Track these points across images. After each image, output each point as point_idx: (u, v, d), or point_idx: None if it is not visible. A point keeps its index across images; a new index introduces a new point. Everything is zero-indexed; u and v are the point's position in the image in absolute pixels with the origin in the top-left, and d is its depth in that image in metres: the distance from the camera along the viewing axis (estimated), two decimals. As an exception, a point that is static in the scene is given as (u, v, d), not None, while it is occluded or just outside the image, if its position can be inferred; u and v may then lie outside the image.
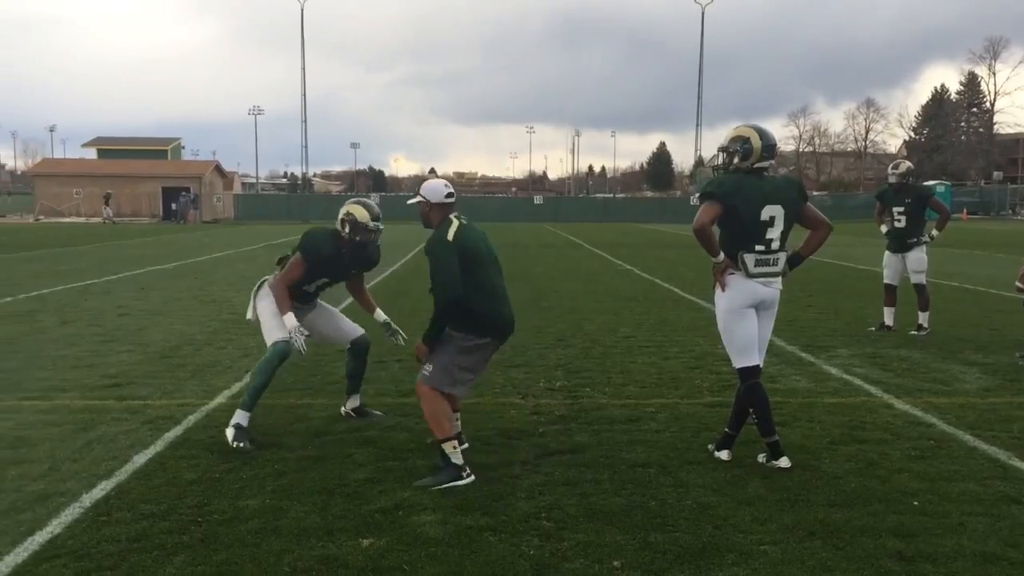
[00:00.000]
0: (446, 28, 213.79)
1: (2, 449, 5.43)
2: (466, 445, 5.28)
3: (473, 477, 4.85)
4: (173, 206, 56.11)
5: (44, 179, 64.22)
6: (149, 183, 61.46)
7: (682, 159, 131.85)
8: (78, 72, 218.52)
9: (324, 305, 6.28)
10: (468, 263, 4.95)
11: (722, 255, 5.05)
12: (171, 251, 25.43)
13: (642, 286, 15.85)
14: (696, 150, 77.47)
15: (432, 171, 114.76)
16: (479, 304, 4.97)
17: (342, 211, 5.79)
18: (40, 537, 4.04)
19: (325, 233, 5.88)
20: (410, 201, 5.32)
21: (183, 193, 57.26)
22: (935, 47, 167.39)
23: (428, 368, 5.01)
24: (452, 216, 5.12)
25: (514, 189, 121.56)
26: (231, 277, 17.21)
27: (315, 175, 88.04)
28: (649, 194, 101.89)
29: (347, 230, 5.75)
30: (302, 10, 73.67)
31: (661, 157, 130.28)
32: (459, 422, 5.31)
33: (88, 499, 4.54)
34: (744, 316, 5.09)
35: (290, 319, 5.64)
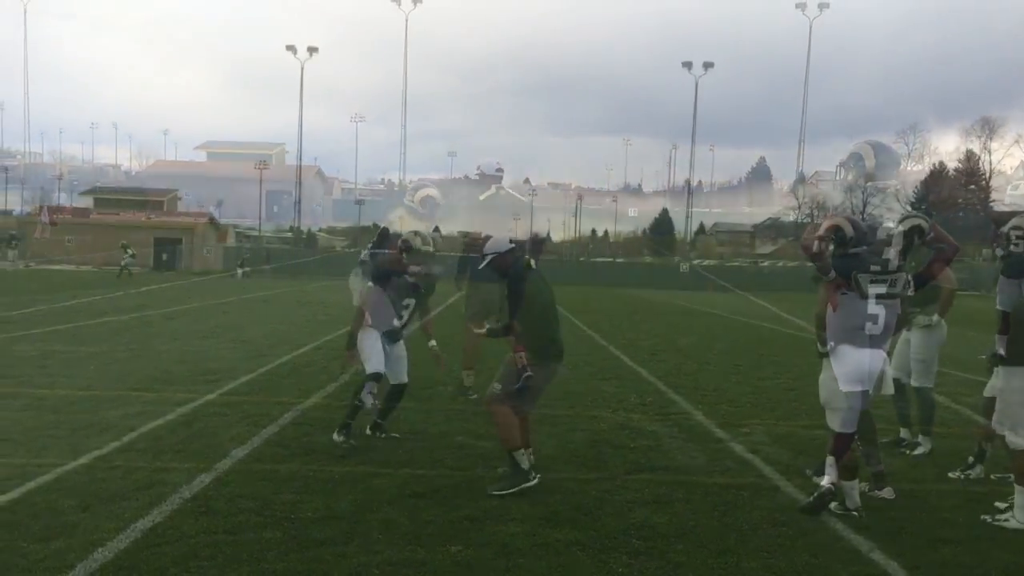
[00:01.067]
0: (544, 39, 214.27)
1: (111, 438, 5.66)
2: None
3: (539, 479, 4.89)
4: (276, 208, 57.97)
5: (156, 180, 67.28)
6: (253, 186, 63.62)
7: (782, 174, 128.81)
8: (189, 78, 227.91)
9: None
10: None
11: (833, 272, 4.80)
12: (269, 253, 26.19)
13: (738, 303, 15.53)
14: (798, 166, 75.62)
15: (527, 181, 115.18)
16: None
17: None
18: (142, 524, 4.17)
19: None
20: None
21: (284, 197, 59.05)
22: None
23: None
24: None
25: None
26: (326, 279, 17.60)
27: (411, 182, 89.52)
28: (747, 209, 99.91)
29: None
30: (406, 21, 75.27)
31: (759, 172, 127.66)
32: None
33: (188, 490, 4.67)
34: (855, 339, 4.77)
35: None
